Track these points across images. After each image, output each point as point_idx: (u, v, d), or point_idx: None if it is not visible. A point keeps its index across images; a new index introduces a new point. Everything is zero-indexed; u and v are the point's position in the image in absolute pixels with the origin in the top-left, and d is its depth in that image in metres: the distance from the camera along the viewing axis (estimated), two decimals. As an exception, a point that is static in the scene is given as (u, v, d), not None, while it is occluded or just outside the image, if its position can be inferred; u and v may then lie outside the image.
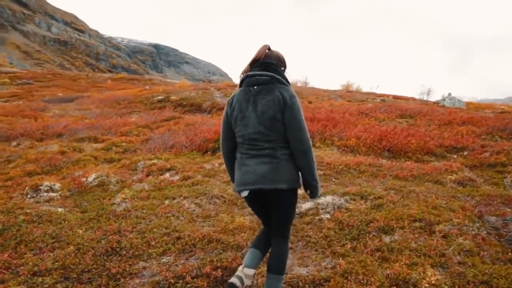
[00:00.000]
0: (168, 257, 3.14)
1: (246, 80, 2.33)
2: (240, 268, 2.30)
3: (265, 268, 2.42)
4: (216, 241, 3.34)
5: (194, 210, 4.20)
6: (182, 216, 4.01)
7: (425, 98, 16.34)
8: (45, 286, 2.80)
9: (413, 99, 18.69)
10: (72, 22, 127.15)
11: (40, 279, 2.87)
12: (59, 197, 5.06)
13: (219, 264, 2.88)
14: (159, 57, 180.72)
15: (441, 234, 3.38)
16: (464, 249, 3.16)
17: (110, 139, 10.10)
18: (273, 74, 2.30)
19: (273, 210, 2.36)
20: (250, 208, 2.71)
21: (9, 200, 4.89)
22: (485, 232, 3.59)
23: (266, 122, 2.22)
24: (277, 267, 2.31)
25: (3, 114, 13.98)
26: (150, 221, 3.89)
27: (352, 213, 3.88)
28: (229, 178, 2.93)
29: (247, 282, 2.25)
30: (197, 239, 3.36)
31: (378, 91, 23.02)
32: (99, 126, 12.20)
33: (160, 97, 20.14)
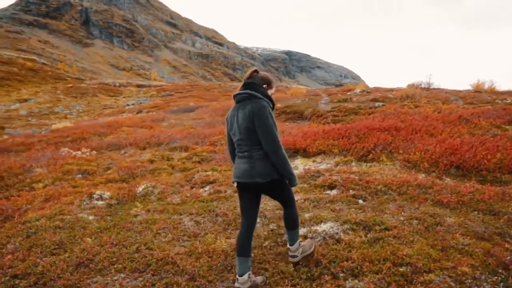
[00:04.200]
0: (122, 275, 3.26)
1: (235, 98, 2.94)
2: (236, 280, 2.86)
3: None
4: (172, 264, 3.33)
5: (188, 228, 4.24)
6: (171, 233, 4.10)
7: None
8: (18, 288, 3.21)
9: None
10: (212, 37, 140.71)
11: (17, 281, 3.33)
12: (104, 205, 5.69)
13: (147, 290, 2.86)
14: (291, 63, 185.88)
15: (422, 287, 2.69)
16: (444, 311, 2.46)
17: (196, 148, 10.84)
18: (251, 92, 2.83)
19: (271, 197, 3.12)
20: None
21: (67, 206, 5.70)
22: (501, 290, 2.72)
23: (243, 131, 2.80)
24: (290, 225, 3.10)
25: (127, 125, 16.31)
26: (140, 236, 4.09)
27: (336, 247, 3.39)
28: None
29: (247, 285, 2.79)
30: (156, 259, 3.40)
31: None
32: (196, 136, 13.16)
33: (266, 105, 20.62)
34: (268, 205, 4.71)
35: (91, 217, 5.02)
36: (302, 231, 3.86)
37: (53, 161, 9.83)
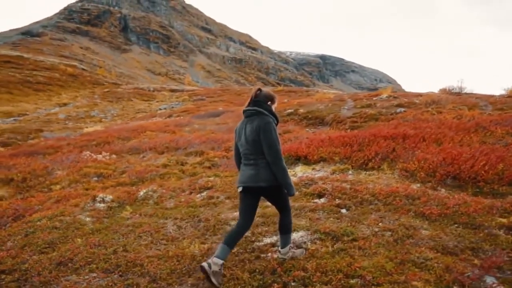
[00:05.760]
0: (93, 275, 3.48)
1: (244, 113, 3.35)
2: (211, 259, 3.06)
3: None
4: (140, 266, 3.51)
5: (169, 232, 4.42)
6: (151, 237, 4.29)
7: None
8: (2, 282, 3.49)
9: None
10: (246, 42, 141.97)
11: (3, 276, 3.63)
12: (105, 207, 5.97)
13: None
14: (325, 67, 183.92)
15: (367, 299, 2.69)
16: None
17: (209, 154, 11.05)
18: (257, 108, 3.26)
19: (270, 201, 3.47)
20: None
21: (71, 207, 6.03)
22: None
23: (250, 143, 3.20)
24: (283, 230, 3.37)
25: (151, 129, 16.85)
26: (123, 238, 4.31)
27: (299, 256, 3.43)
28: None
29: (215, 268, 3.00)
30: (126, 261, 3.59)
31: None
32: (213, 141, 13.40)
33: (290, 110, 20.67)
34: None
35: (88, 219, 5.30)
36: (273, 239, 3.93)
37: (74, 164, 10.37)
